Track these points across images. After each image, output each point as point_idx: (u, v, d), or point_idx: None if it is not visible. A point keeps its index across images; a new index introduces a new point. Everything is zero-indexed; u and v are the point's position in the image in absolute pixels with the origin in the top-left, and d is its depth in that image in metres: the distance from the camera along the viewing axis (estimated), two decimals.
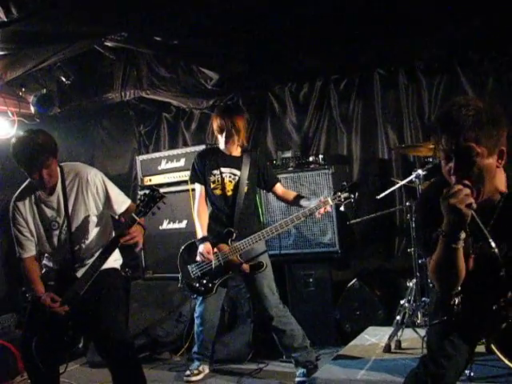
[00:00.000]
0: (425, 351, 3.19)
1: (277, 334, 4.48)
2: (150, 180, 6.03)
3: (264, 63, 5.89)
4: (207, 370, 4.85)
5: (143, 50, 5.52)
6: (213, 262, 4.32)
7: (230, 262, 4.32)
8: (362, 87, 6.03)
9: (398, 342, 4.45)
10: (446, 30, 5.11)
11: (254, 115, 6.41)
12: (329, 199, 4.17)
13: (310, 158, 5.49)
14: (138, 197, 4.69)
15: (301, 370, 4.46)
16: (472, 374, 3.50)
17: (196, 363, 4.81)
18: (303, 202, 4.33)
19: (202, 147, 5.34)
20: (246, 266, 4.32)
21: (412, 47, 5.54)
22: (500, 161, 2.28)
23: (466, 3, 4.69)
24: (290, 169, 5.51)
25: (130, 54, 5.90)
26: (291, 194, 4.54)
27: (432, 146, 4.36)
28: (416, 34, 5.25)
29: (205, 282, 4.40)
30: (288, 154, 5.67)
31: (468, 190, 2.16)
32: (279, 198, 4.60)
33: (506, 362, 3.40)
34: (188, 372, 4.78)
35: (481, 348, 3.76)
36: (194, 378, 4.74)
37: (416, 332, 4.38)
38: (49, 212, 3.68)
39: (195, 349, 4.85)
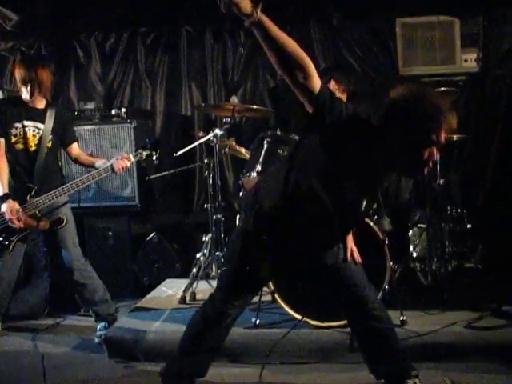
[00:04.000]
0: None
1: (78, 288, 4.41)
2: None
3: (70, 9, 5.66)
4: None
5: None
6: None
7: (29, 218, 4.15)
8: (169, 43, 6.06)
9: (193, 294, 4.64)
10: None
11: (58, 63, 6.14)
12: (130, 156, 4.16)
13: (113, 111, 5.40)
14: None
15: (102, 324, 4.45)
16: (258, 321, 3.80)
17: None
18: (98, 165, 4.26)
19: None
20: (43, 223, 4.18)
21: (220, 8, 5.65)
22: None
23: None
24: (92, 121, 5.38)
25: None
26: (86, 158, 4.43)
27: (230, 107, 4.54)
28: None
29: (1, 239, 4.21)
30: (90, 106, 5.53)
31: None
32: (73, 158, 4.46)
33: (287, 309, 3.78)
34: None
35: (267, 297, 4.12)
36: None
37: (210, 284, 4.62)
38: None
39: None
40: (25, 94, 4.12)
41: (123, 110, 5.39)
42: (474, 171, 5.61)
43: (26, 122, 4.17)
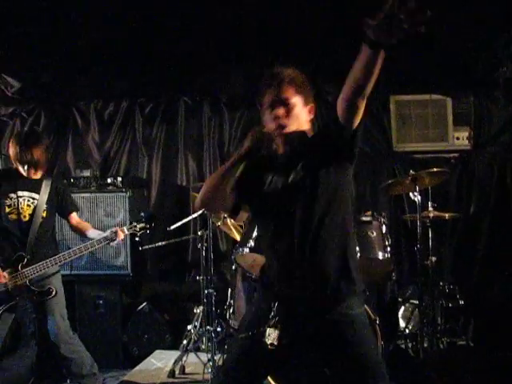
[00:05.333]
0: (206, 376, 3.28)
1: (65, 362, 4.32)
2: None
3: (71, 77, 5.79)
4: None
5: None
6: None
7: (18, 288, 4.13)
8: (167, 113, 6.16)
9: (183, 367, 4.59)
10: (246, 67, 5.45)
11: (56, 130, 6.24)
12: (124, 229, 4.18)
13: (109, 180, 5.44)
14: None
15: None
16: None
17: None
18: (96, 235, 4.27)
19: None
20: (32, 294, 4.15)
21: (218, 81, 5.80)
22: (311, 114, 2.60)
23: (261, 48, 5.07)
24: (88, 189, 5.42)
25: None
26: (86, 227, 4.46)
27: None
28: (223, 68, 5.52)
29: None
30: (87, 173, 5.57)
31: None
32: (73, 227, 4.49)
33: None
34: None
35: None
36: None
37: (199, 357, 4.55)
38: None
39: None
40: (21, 169, 4.19)
41: (119, 179, 5.43)
42: (466, 248, 5.64)
43: (20, 193, 4.20)
